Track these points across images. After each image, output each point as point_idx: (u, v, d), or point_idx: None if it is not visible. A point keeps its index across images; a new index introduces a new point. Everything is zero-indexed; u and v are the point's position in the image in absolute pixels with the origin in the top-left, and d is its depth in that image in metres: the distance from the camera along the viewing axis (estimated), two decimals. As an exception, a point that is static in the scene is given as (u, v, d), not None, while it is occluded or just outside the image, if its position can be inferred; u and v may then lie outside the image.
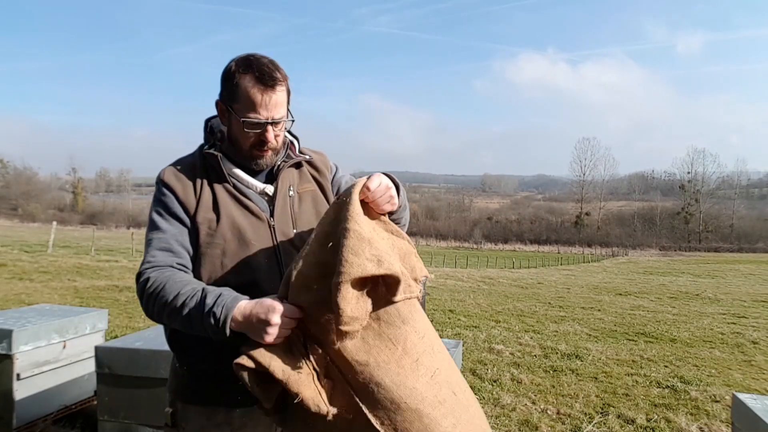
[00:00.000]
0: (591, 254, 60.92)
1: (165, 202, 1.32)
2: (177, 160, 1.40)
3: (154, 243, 1.28)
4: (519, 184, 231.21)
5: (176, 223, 1.31)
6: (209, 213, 1.31)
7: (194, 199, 1.32)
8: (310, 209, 1.42)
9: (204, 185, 1.34)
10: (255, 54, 1.29)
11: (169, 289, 1.18)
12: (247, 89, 1.24)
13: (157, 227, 1.30)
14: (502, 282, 16.20)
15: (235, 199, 1.34)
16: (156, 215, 1.31)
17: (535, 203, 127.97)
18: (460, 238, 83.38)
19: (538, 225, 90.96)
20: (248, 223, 1.32)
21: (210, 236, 1.30)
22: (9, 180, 72.02)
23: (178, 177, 1.34)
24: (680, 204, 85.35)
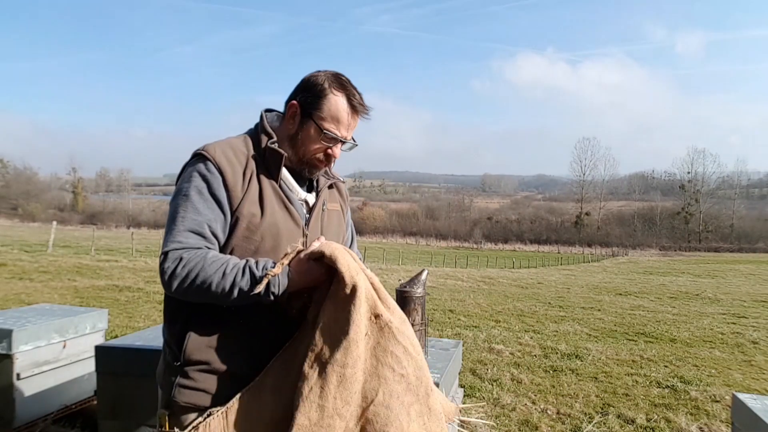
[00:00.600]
0: (591, 254, 60.90)
1: (209, 181, 1.25)
2: (224, 141, 1.34)
3: (187, 222, 1.21)
4: (519, 184, 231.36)
5: (215, 207, 1.24)
6: (254, 207, 1.28)
7: (242, 188, 1.27)
8: (335, 227, 1.48)
9: (253, 176, 1.30)
10: (342, 75, 1.35)
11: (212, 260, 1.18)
12: (338, 106, 1.31)
13: (194, 206, 1.22)
14: (502, 282, 16.20)
15: (280, 199, 1.33)
16: (195, 192, 1.23)
17: (535, 203, 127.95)
18: (460, 237, 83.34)
19: (538, 225, 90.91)
20: (286, 228, 1.32)
21: (249, 231, 1.27)
22: (9, 180, 71.96)
23: (229, 159, 1.28)
24: (680, 204, 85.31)
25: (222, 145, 1.30)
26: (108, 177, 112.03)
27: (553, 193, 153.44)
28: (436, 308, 9.22)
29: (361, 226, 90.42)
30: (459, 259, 38.63)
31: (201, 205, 1.23)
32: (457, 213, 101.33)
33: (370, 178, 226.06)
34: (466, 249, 67.50)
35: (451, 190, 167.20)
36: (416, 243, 77.22)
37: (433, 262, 34.49)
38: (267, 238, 1.28)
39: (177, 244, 1.19)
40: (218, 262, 1.18)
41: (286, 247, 1.28)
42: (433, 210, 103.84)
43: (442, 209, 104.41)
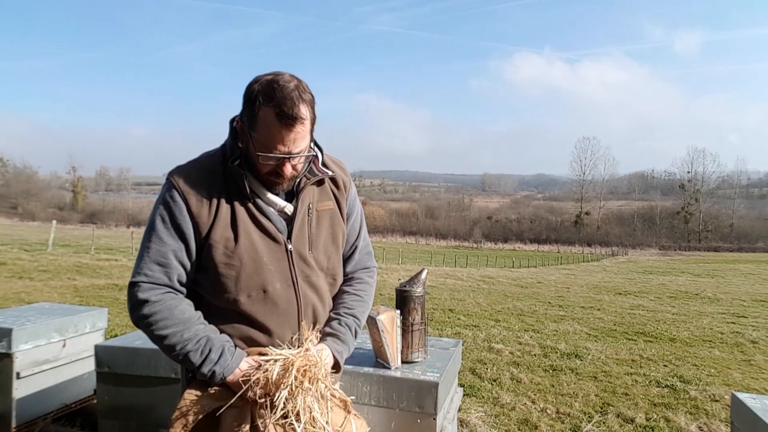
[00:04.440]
0: (591, 254, 60.96)
1: (172, 211, 1.24)
2: (194, 161, 1.31)
3: (152, 253, 1.23)
4: (519, 183, 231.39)
5: (177, 237, 1.24)
6: (227, 231, 1.25)
7: (209, 214, 1.24)
8: (327, 229, 1.38)
9: (222, 199, 1.26)
10: (279, 80, 1.20)
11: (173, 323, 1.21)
12: (267, 123, 1.19)
13: (158, 236, 1.23)
14: (502, 281, 16.20)
15: (254, 219, 1.28)
16: (159, 221, 1.24)
17: (534, 202, 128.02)
18: (459, 237, 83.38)
19: (538, 224, 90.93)
20: (266, 247, 1.28)
21: (227, 256, 1.24)
22: (9, 179, 71.97)
23: (194, 185, 1.25)
24: (680, 203, 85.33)
25: (189, 169, 1.28)
26: (108, 176, 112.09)
27: (553, 193, 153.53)
28: (435, 307, 9.22)
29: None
30: (459, 258, 38.64)
31: (164, 234, 1.23)
32: (456, 212, 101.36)
33: (369, 177, 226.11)
34: (466, 248, 67.53)
35: (451, 190, 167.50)
36: (416, 242, 77.24)
37: (433, 262, 34.51)
38: (247, 262, 1.25)
39: (143, 277, 1.22)
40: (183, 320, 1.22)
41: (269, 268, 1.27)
42: (432, 209, 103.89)
43: (442, 209, 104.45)
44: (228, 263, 1.24)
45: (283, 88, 1.19)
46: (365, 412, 1.76)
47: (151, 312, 1.20)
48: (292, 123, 1.19)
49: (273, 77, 1.21)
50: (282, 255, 1.29)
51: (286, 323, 1.30)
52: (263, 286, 1.27)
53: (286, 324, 1.30)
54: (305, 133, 1.23)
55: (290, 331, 1.30)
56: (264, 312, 1.27)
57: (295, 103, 1.19)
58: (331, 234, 1.39)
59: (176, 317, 1.21)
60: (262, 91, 1.19)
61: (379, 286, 12.50)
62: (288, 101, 1.18)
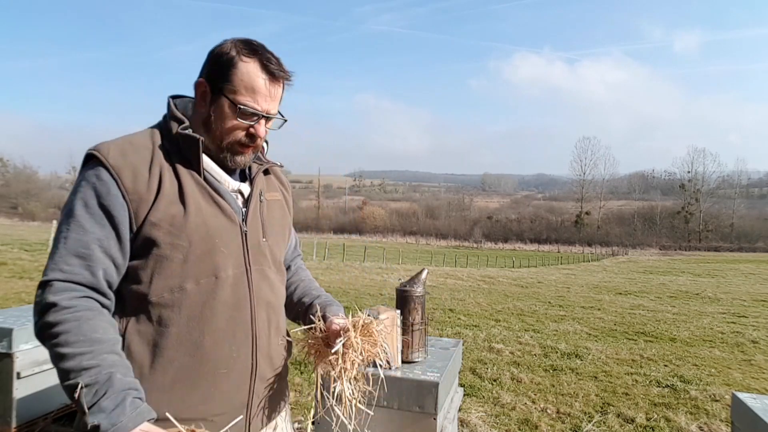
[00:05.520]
0: (591, 253, 60.94)
1: (97, 191, 1.01)
2: (123, 137, 1.10)
3: (71, 243, 0.99)
4: (519, 183, 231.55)
5: (106, 222, 1.01)
6: (172, 207, 1.05)
7: (148, 189, 1.04)
8: (278, 219, 1.27)
9: (166, 171, 1.07)
10: (253, 40, 1.14)
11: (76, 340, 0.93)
12: (251, 74, 1.09)
13: (78, 222, 1.00)
14: (502, 281, 16.20)
15: (206, 193, 1.11)
16: (80, 205, 1.01)
17: (535, 202, 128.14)
18: (460, 237, 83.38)
19: (538, 224, 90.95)
20: (219, 225, 1.10)
21: (173, 235, 1.04)
22: (9, 179, 71.96)
23: (127, 158, 1.04)
24: (680, 203, 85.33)
25: (119, 143, 1.07)
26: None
27: (553, 193, 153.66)
28: (436, 307, 9.22)
29: (361, 226, 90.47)
30: (459, 258, 38.63)
31: (87, 221, 1.00)
32: (457, 212, 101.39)
33: (369, 177, 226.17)
34: (466, 248, 67.53)
35: (451, 190, 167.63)
36: (416, 242, 77.23)
37: (433, 262, 34.50)
38: (196, 242, 1.06)
39: (58, 273, 0.97)
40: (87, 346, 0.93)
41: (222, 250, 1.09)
42: (433, 209, 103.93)
43: (442, 208, 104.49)
44: (174, 243, 1.04)
45: (263, 45, 1.13)
46: (365, 412, 1.76)
47: (56, 321, 0.93)
48: (280, 76, 1.12)
49: (245, 38, 1.13)
50: (236, 237, 1.13)
51: (238, 318, 1.11)
52: (215, 272, 1.08)
53: (238, 319, 1.11)
54: (281, 96, 1.15)
55: (241, 330, 1.11)
56: (214, 303, 1.07)
57: (279, 60, 1.12)
58: (280, 224, 1.28)
59: (84, 334, 0.94)
60: (240, 45, 1.10)
61: (379, 286, 12.50)
62: (273, 57, 1.11)
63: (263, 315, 1.16)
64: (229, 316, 1.09)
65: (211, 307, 1.07)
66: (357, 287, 11.87)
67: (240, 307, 1.11)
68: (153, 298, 1.03)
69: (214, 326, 1.07)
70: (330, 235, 74.50)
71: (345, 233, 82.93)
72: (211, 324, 1.07)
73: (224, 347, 1.08)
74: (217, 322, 1.07)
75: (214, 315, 1.07)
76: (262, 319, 1.16)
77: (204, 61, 1.14)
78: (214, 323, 1.07)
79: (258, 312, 1.15)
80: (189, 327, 1.05)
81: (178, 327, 1.04)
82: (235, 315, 1.10)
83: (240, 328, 1.11)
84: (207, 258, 1.07)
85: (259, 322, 1.15)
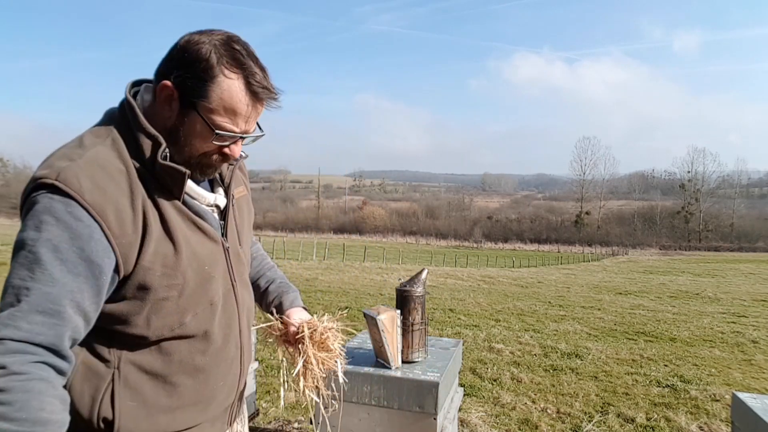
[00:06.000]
0: (591, 253, 60.95)
1: (75, 232, 0.84)
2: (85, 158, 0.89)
3: (34, 297, 0.80)
4: (519, 183, 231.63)
5: (81, 270, 0.84)
6: (162, 244, 0.94)
7: (136, 229, 0.91)
8: (246, 218, 1.21)
9: (147, 204, 0.93)
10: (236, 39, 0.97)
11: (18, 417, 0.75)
12: (232, 94, 0.94)
13: (48, 272, 0.81)
14: (502, 281, 16.20)
15: (188, 220, 1.00)
16: (49, 248, 0.82)
17: (535, 202, 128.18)
18: (460, 237, 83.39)
19: (538, 224, 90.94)
20: (207, 252, 1.02)
21: (167, 276, 0.95)
22: (9, 179, 71.98)
23: (106, 193, 0.88)
24: (680, 203, 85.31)
25: (86, 169, 0.87)
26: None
27: (553, 193, 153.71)
28: (436, 307, 9.22)
29: (361, 225, 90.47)
30: (459, 258, 38.64)
31: (57, 270, 0.82)
32: (457, 212, 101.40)
33: (369, 177, 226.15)
34: (466, 248, 67.53)
35: (451, 189, 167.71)
36: (416, 242, 77.24)
37: (433, 262, 34.50)
38: (190, 276, 0.98)
39: (15, 332, 0.78)
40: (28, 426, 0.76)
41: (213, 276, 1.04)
42: (433, 209, 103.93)
43: (442, 208, 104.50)
44: (169, 284, 0.95)
45: (247, 52, 0.96)
46: (365, 412, 1.76)
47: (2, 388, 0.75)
48: (265, 96, 0.98)
49: (225, 35, 0.96)
50: (221, 257, 1.07)
51: (230, 334, 1.10)
52: (210, 299, 1.04)
53: (230, 335, 1.10)
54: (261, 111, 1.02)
55: (233, 343, 1.11)
56: (212, 328, 1.05)
57: (266, 71, 0.98)
58: (248, 222, 1.23)
59: (29, 411, 0.77)
60: (221, 53, 0.93)
61: (379, 285, 12.50)
62: (258, 70, 0.96)
63: (245, 321, 1.16)
64: (224, 335, 1.09)
65: (210, 332, 1.05)
66: (357, 287, 11.87)
67: (231, 324, 1.11)
68: (152, 338, 0.98)
69: (213, 348, 1.06)
70: (330, 235, 74.54)
71: (345, 233, 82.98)
72: (210, 346, 1.06)
73: (222, 364, 1.09)
74: (215, 343, 1.07)
75: (212, 337, 1.06)
76: (245, 325, 1.16)
77: (170, 52, 0.95)
78: (213, 345, 1.06)
79: (242, 320, 1.15)
80: (190, 353, 1.03)
81: (180, 355, 1.02)
82: (228, 332, 1.10)
83: (232, 342, 1.12)
84: (201, 289, 1.01)
85: (243, 329, 1.15)
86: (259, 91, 0.96)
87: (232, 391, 1.14)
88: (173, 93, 0.94)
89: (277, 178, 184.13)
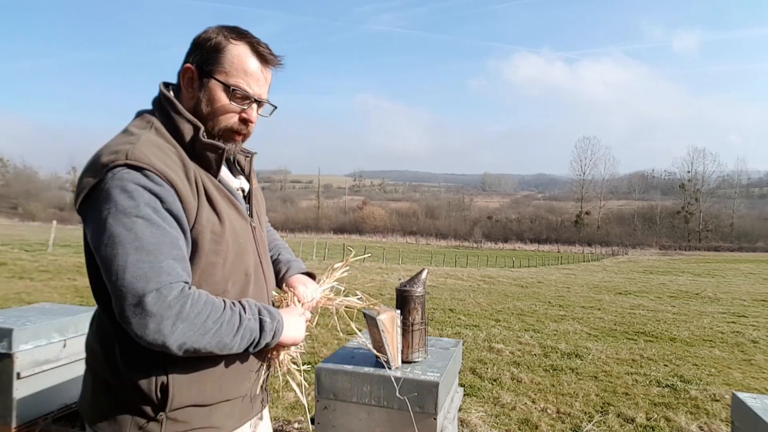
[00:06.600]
0: (591, 253, 60.96)
1: (160, 195, 0.98)
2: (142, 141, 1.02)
3: (165, 248, 0.96)
4: (519, 183, 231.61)
5: (176, 226, 1.01)
6: (211, 214, 1.08)
7: (194, 195, 1.05)
8: (263, 207, 1.35)
9: (197, 178, 1.07)
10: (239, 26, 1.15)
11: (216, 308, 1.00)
12: (241, 56, 1.10)
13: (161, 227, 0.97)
14: (502, 281, 16.20)
15: (226, 197, 1.14)
16: (150, 211, 0.96)
17: (535, 202, 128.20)
18: (460, 237, 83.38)
19: (538, 224, 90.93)
20: (240, 226, 1.16)
21: (215, 242, 1.08)
22: (9, 179, 72.04)
23: (168, 165, 1.02)
24: (680, 203, 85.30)
25: (149, 148, 1.02)
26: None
27: (553, 193, 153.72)
28: (436, 307, 9.22)
29: (361, 225, 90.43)
30: (459, 258, 38.64)
31: (165, 226, 0.98)
32: (457, 212, 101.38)
33: (369, 177, 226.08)
34: (466, 248, 67.53)
35: (451, 190, 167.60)
36: (416, 242, 77.23)
37: (433, 262, 34.50)
38: (231, 246, 1.11)
39: (168, 277, 0.94)
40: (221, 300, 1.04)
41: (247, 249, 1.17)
42: (433, 209, 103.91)
43: (442, 208, 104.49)
44: (215, 250, 1.08)
45: (248, 31, 1.14)
46: (365, 412, 1.76)
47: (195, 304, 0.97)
48: (272, 61, 1.14)
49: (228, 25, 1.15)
50: (250, 235, 1.20)
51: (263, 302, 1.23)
52: (246, 270, 1.16)
53: None
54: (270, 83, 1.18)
55: None
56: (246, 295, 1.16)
57: (267, 45, 1.15)
58: (264, 212, 1.37)
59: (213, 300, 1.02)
60: (227, 30, 1.11)
61: (379, 285, 12.49)
62: (262, 41, 1.13)
63: (271, 296, 1.29)
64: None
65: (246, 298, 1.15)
66: (357, 287, 11.84)
67: (261, 297, 1.22)
68: None
69: None
70: (330, 235, 74.48)
71: (345, 233, 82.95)
72: None
73: None
74: None
75: None
76: (270, 300, 1.28)
77: (188, 49, 1.13)
78: None
79: (269, 294, 1.27)
80: None
81: None
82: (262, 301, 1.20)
83: None
84: (239, 259, 1.14)
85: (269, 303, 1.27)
86: (264, 52, 1.13)
87: (263, 366, 1.24)
88: (194, 72, 1.11)
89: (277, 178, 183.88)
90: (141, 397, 1.04)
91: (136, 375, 1.03)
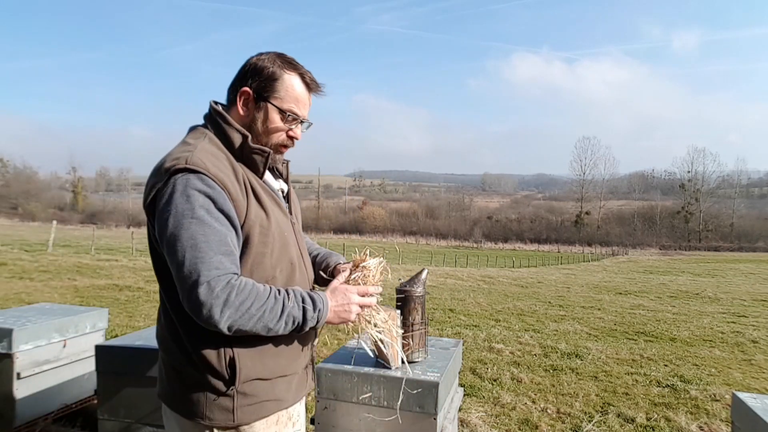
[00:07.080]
0: (591, 253, 60.94)
1: (213, 197, 1.15)
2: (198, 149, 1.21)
3: (215, 245, 1.12)
4: (519, 183, 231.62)
5: (227, 223, 1.17)
6: (260, 210, 1.26)
7: (243, 195, 1.22)
8: (299, 207, 1.52)
9: (246, 179, 1.26)
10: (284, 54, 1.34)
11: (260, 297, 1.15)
12: (294, 86, 1.31)
13: (211, 226, 1.13)
14: (502, 281, 16.19)
15: (270, 196, 1.31)
16: (203, 212, 1.13)
17: (535, 202, 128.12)
18: (460, 237, 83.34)
19: (538, 224, 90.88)
20: (284, 222, 1.34)
21: (263, 236, 1.25)
22: (9, 179, 71.95)
23: (221, 169, 1.21)
24: (680, 203, 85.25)
25: (205, 155, 1.20)
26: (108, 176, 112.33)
27: (553, 193, 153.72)
28: (436, 307, 9.22)
29: (361, 226, 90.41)
30: (459, 258, 38.63)
31: (216, 224, 1.15)
32: (457, 212, 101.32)
33: (369, 177, 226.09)
34: (466, 248, 67.51)
35: (451, 190, 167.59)
36: (416, 242, 77.20)
37: (433, 262, 34.49)
38: (276, 239, 1.28)
39: (216, 271, 1.11)
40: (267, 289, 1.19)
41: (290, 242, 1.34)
42: (433, 209, 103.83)
43: (442, 208, 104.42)
44: (264, 242, 1.25)
45: (296, 60, 1.34)
46: (365, 412, 1.76)
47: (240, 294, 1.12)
48: (316, 90, 1.36)
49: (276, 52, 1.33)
50: (292, 230, 1.38)
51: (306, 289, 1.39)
52: (291, 259, 1.34)
53: None
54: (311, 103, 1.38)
55: None
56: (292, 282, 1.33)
57: (311, 73, 1.35)
58: (300, 211, 1.52)
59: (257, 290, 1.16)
60: (281, 61, 1.30)
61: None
62: (308, 71, 1.34)
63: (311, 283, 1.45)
64: None
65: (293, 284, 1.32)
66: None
67: (304, 284, 1.39)
68: None
69: None
70: (330, 235, 74.49)
71: (345, 233, 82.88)
72: None
73: None
74: None
75: None
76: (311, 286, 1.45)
77: (240, 71, 1.32)
78: None
79: (310, 282, 1.44)
80: None
81: None
82: None
83: None
84: (284, 249, 1.31)
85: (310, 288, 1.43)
86: (311, 83, 1.34)
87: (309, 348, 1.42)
88: (250, 95, 1.29)
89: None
90: (212, 373, 1.20)
91: (205, 352, 1.19)
